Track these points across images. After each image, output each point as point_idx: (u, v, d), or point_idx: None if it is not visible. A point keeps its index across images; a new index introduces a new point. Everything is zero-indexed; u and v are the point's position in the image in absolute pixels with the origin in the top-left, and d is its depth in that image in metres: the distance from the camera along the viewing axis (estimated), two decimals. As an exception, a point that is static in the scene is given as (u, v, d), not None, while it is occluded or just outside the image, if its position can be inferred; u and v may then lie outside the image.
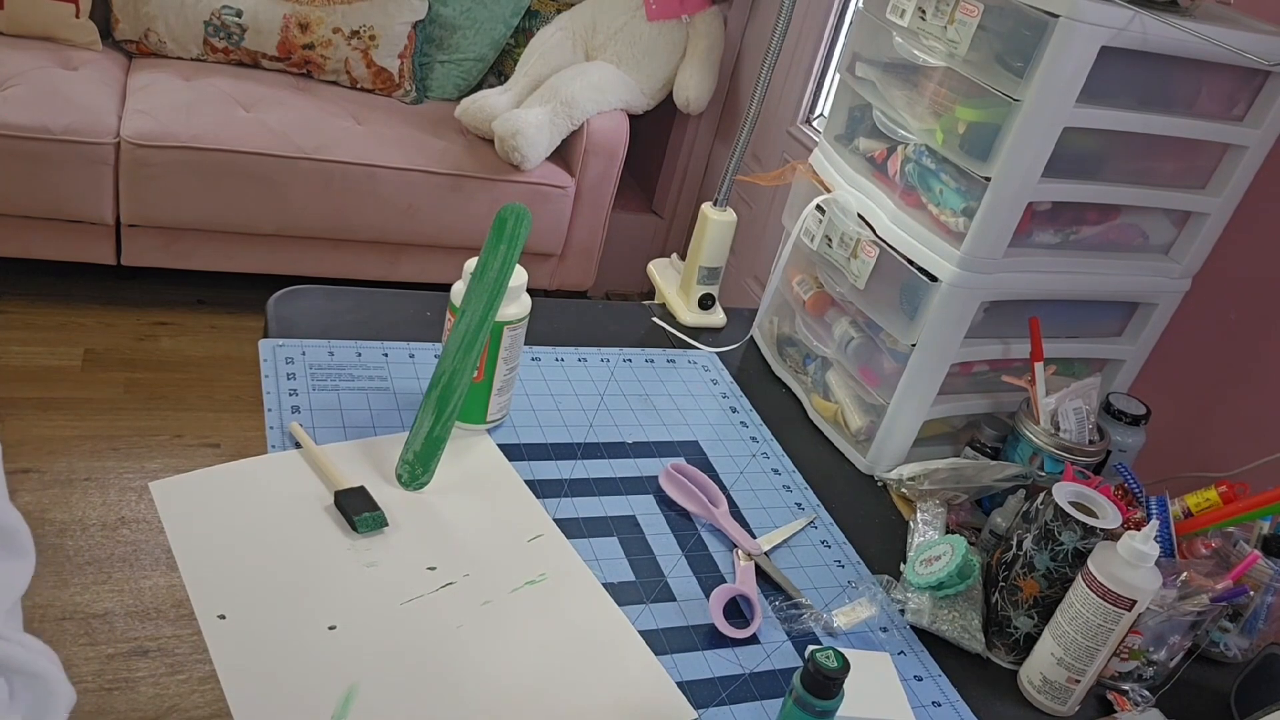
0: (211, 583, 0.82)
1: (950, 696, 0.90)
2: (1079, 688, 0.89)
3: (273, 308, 1.17)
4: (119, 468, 2.10)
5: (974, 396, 1.17)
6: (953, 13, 1.00)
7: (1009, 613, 0.95)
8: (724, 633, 0.89)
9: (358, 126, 2.54)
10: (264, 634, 0.79)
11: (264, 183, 2.37)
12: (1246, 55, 0.95)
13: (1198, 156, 1.08)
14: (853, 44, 1.20)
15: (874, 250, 1.10)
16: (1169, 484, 1.03)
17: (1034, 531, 0.92)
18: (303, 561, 0.86)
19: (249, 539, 0.87)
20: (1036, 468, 1.07)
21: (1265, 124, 1.04)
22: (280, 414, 1.01)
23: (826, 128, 1.26)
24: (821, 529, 1.07)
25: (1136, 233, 1.12)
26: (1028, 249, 1.06)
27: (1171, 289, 1.15)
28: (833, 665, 0.74)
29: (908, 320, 1.07)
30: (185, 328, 2.55)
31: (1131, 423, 1.12)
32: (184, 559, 0.84)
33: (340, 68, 2.69)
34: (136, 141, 2.25)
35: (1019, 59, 0.94)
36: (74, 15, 2.47)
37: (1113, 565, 0.84)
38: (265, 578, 0.83)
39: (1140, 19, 0.91)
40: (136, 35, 2.57)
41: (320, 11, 2.62)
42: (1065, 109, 0.94)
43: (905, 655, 0.93)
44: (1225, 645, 1.01)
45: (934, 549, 0.99)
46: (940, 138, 1.04)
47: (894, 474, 1.14)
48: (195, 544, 0.85)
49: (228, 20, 2.57)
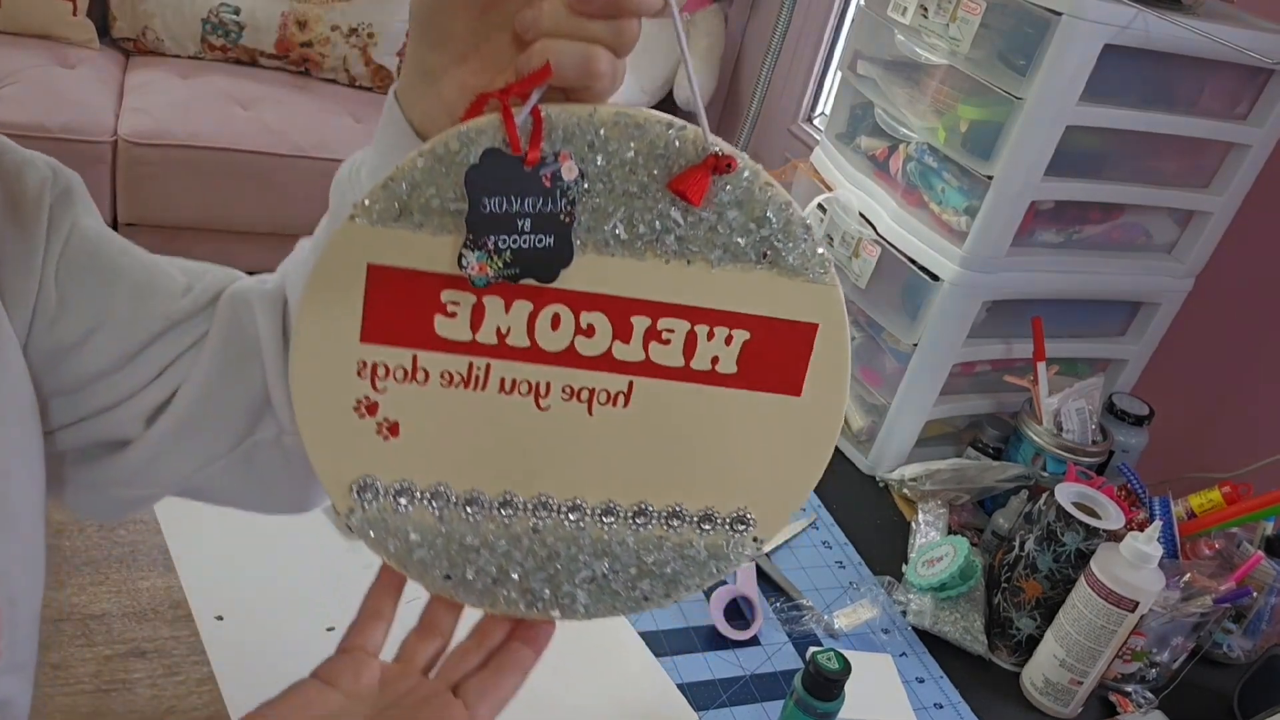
0: (209, 584, 0.82)
1: (952, 698, 0.89)
2: (1081, 689, 0.89)
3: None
4: (117, 467, 2.09)
5: (976, 397, 1.16)
6: (955, 10, 0.99)
7: (1011, 614, 0.94)
8: (724, 634, 0.89)
9: (356, 125, 2.54)
10: (262, 636, 0.78)
11: (262, 181, 2.36)
12: (1249, 54, 0.94)
13: (1201, 155, 1.08)
14: (854, 42, 1.19)
15: (875, 249, 1.09)
16: (1172, 485, 1.02)
17: (1036, 532, 0.92)
18: (301, 563, 0.85)
19: (247, 540, 0.86)
20: (1039, 468, 1.06)
21: (1268, 123, 1.04)
22: (278, 414, 1.00)
23: (828, 126, 1.26)
24: (823, 530, 1.06)
25: (1139, 232, 1.12)
26: (1030, 248, 1.06)
27: (1175, 288, 1.15)
28: (834, 667, 0.73)
29: (909, 320, 1.07)
30: (183, 327, 2.54)
31: (1134, 423, 1.12)
32: (181, 560, 0.84)
33: (339, 65, 2.68)
34: (134, 140, 2.24)
35: (1021, 57, 0.93)
36: (71, 13, 2.46)
37: (1115, 566, 0.84)
38: (263, 579, 0.83)
39: (1143, 17, 0.90)
40: (134, 33, 2.56)
41: (318, 9, 2.61)
42: (1068, 107, 0.93)
43: (907, 657, 0.93)
44: (1228, 647, 1.01)
45: (936, 550, 0.98)
46: (942, 136, 1.03)
47: (896, 474, 1.13)
48: (193, 545, 0.85)
49: (225, 18, 2.57)
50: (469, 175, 0.43)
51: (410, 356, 0.46)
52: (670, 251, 0.45)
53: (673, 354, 0.47)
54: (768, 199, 0.45)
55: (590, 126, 0.43)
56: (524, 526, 0.49)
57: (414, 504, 0.49)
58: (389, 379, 0.47)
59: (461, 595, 0.50)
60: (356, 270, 0.45)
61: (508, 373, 0.47)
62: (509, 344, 0.46)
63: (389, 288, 0.45)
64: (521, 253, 0.44)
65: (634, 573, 0.50)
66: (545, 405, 0.47)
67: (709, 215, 0.45)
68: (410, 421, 0.48)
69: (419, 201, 0.44)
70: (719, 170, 0.44)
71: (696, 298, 0.46)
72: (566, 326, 0.46)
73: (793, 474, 0.50)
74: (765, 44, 1.98)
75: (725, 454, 0.49)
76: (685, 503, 0.50)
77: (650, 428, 0.48)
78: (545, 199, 0.44)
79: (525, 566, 0.50)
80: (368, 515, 0.49)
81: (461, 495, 0.49)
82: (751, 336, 0.47)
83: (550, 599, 0.50)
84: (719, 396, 0.48)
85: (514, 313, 0.46)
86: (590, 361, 0.47)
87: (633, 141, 0.44)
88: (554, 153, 0.43)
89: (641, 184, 0.44)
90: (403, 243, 0.45)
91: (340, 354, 0.46)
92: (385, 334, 0.46)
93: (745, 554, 0.51)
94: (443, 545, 0.49)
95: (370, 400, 0.47)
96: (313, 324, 0.46)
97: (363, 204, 0.44)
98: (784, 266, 0.46)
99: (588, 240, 0.45)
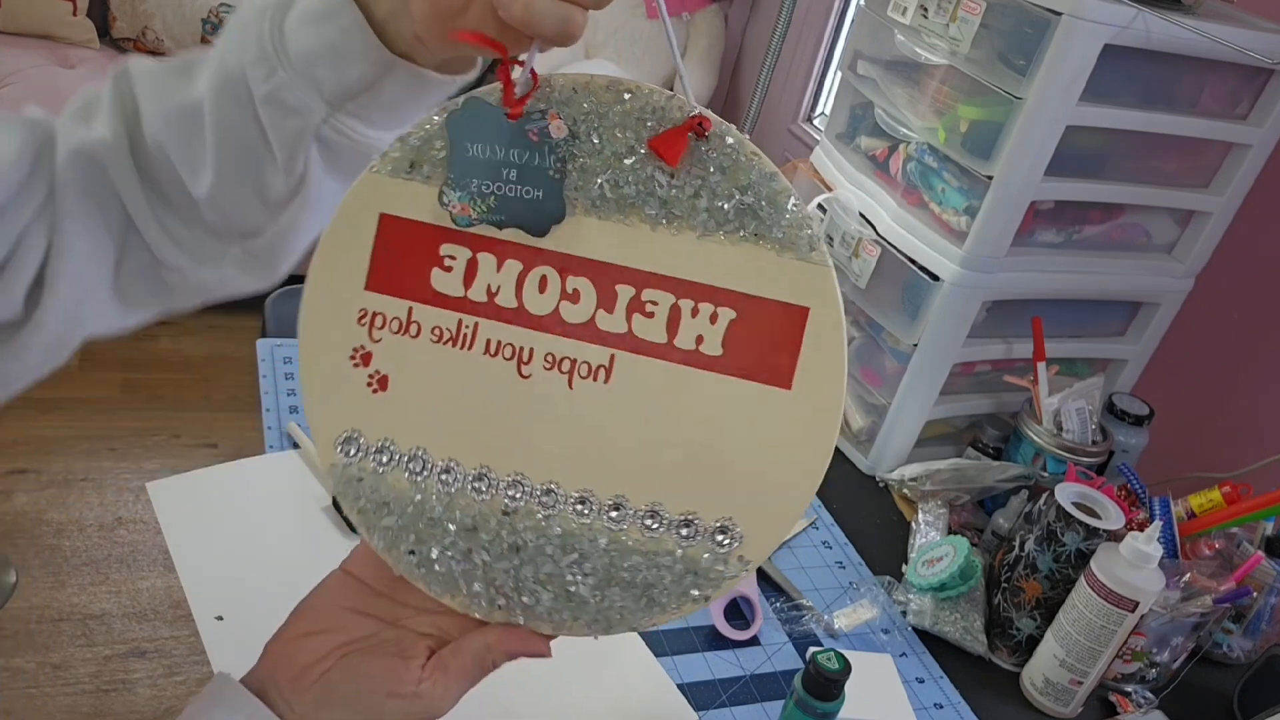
0: (209, 584, 0.81)
1: (952, 698, 0.89)
2: (1081, 689, 0.89)
3: (270, 307, 1.16)
4: (116, 468, 2.09)
5: (976, 397, 1.16)
6: (955, 10, 0.99)
7: (1011, 614, 0.94)
8: (725, 634, 0.89)
9: (356, 125, 2.54)
10: (261, 635, 0.78)
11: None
12: (1249, 54, 0.94)
13: (1201, 155, 1.08)
14: (854, 42, 1.19)
15: (875, 249, 1.09)
16: (1172, 485, 1.02)
17: (1036, 532, 0.92)
18: (300, 562, 0.85)
19: (246, 540, 0.86)
20: (1039, 468, 1.06)
21: (1268, 122, 1.04)
22: (278, 414, 1.00)
23: (828, 126, 1.26)
24: (823, 530, 1.06)
25: (1139, 232, 1.12)
26: (1030, 248, 1.06)
27: (1175, 288, 1.15)
28: (834, 667, 0.73)
29: (909, 320, 1.07)
30: (183, 327, 2.54)
31: (1134, 423, 1.12)
32: (181, 560, 0.84)
33: (339, 66, 2.68)
34: (134, 140, 2.25)
35: (1021, 57, 0.93)
36: (71, 13, 2.47)
37: (1115, 566, 0.84)
38: (263, 579, 0.83)
39: (1143, 17, 0.90)
40: (134, 33, 2.56)
41: (319, 10, 2.61)
42: (1068, 107, 0.93)
43: (907, 657, 0.92)
44: (1228, 647, 1.01)
45: (936, 550, 0.98)
46: (942, 136, 1.03)
47: (896, 474, 1.13)
48: (193, 545, 0.85)
49: (225, 17, 2.57)
50: (450, 118, 0.46)
51: (406, 309, 0.48)
52: (656, 216, 0.46)
53: (655, 328, 0.47)
54: (752, 166, 0.46)
55: (586, 91, 0.46)
56: (495, 506, 0.49)
57: (392, 465, 0.49)
58: (385, 329, 0.49)
59: (424, 577, 0.50)
60: (370, 218, 0.48)
61: (494, 334, 0.48)
62: (498, 303, 0.48)
63: (396, 238, 0.48)
64: (507, 200, 0.47)
65: (601, 575, 0.48)
66: (527, 373, 0.48)
67: (693, 180, 0.46)
68: (399, 377, 0.49)
69: (428, 154, 0.47)
70: (698, 132, 0.45)
71: (682, 269, 0.46)
72: (553, 289, 0.47)
73: (783, 483, 0.47)
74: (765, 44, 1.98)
75: (709, 452, 0.47)
76: (664, 502, 0.47)
77: (630, 411, 0.47)
78: (532, 153, 0.46)
79: (490, 552, 0.49)
80: (347, 471, 0.50)
81: (439, 463, 0.49)
82: (738, 316, 0.46)
83: (513, 596, 0.49)
84: (703, 383, 0.47)
85: (505, 271, 0.47)
86: (574, 330, 0.47)
87: (620, 105, 0.46)
88: (541, 110, 0.46)
89: (629, 145, 0.46)
90: (412, 194, 0.47)
91: (346, 300, 0.49)
92: (387, 283, 0.48)
93: (728, 575, 0.47)
94: (412, 515, 0.49)
95: (365, 350, 0.49)
96: (326, 270, 0.48)
97: (384, 155, 0.47)
98: (770, 239, 0.46)
99: (576, 199, 0.46)
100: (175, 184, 0.52)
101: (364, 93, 0.50)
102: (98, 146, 0.51)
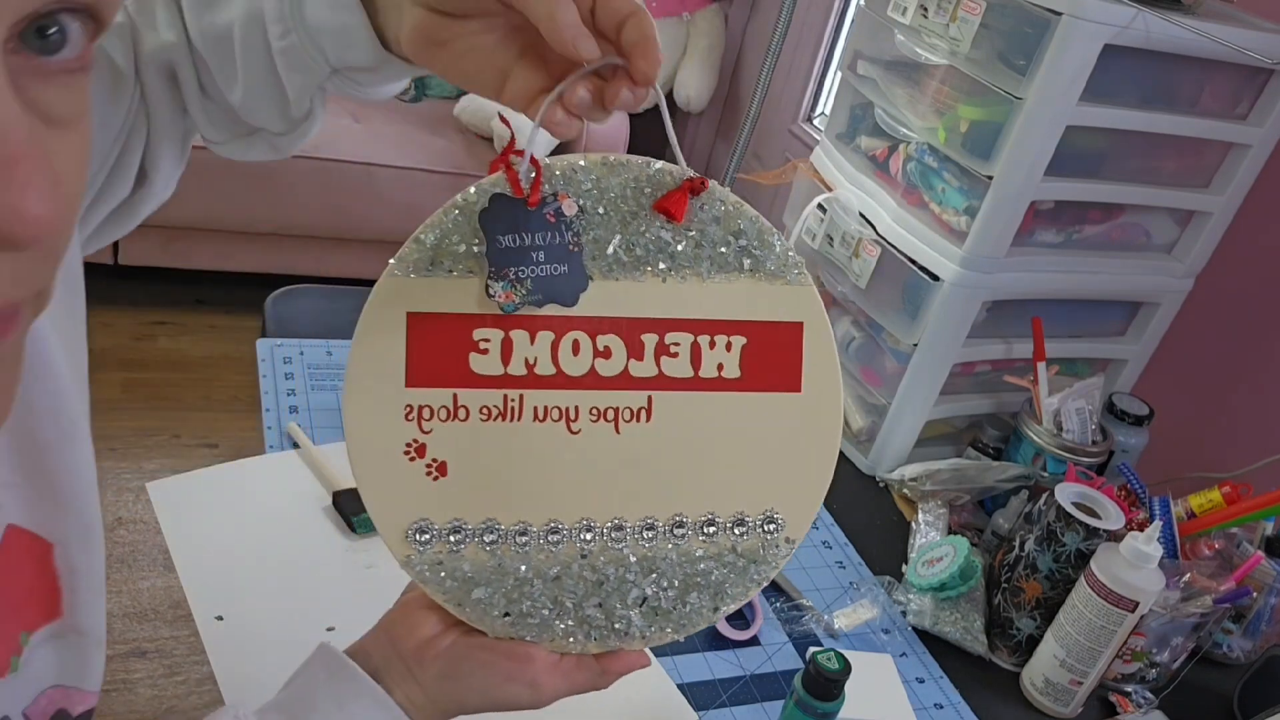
0: (209, 584, 0.81)
1: (952, 698, 0.89)
2: (1081, 689, 0.89)
3: (270, 307, 1.16)
4: (116, 468, 2.09)
5: (976, 397, 1.16)
6: (955, 10, 0.99)
7: (1011, 614, 0.94)
8: (725, 634, 0.89)
9: (356, 125, 2.54)
10: (261, 635, 0.78)
11: (262, 181, 2.36)
12: (1249, 54, 0.94)
13: (1201, 155, 1.08)
14: (854, 42, 1.19)
15: (876, 249, 1.09)
16: (1172, 485, 1.02)
17: (1036, 532, 0.92)
18: (301, 563, 0.85)
19: (247, 540, 0.86)
20: (1039, 468, 1.06)
21: (1268, 122, 1.04)
22: (278, 414, 1.00)
23: (828, 126, 1.26)
24: (823, 530, 1.06)
25: (1139, 232, 1.12)
26: (1030, 248, 1.06)
27: (1175, 288, 1.15)
28: (834, 667, 0.73)
29: (909, 320, 1.07)
30: (183, 327, 2.55)
31: (1134, 423, 1.12)
32: (181, 560, 0.84)
33: (339, 66, 2.68)
34: (134, 140, 2.25)
35: (1021, 57, 0.93)
36: (72, 13, 2.47)
37: (1115, 566, 0.84)
38: (263, 579, 0.83)
39: (1143, 17, 0.90)
40: (134, 33, 2.56)
41: (319, 10, 2.61)
42: (1068, 107, 0.93)
43: (907, 657, 0.93)
44: (1228, 647, 1.01)
45: (936, 550, 0.98)
46: (942, 136, 1.03)
47: (896, 474, 1.13)
48: (193, 545, 0.85)
49: None
50: (482, 216, 0.49)
51: (451, 396, 0.51)
52: (665, 270, 0.51)
53: (681, 365, 0.52)
54: (739, 214, 0.51)
55: (581, 169, 0.49)
56: (572, 553, 0.53)
57: (467, 542, 0.52)
58: (434, 419, 0.51)
59: (521, 633, 0.54)
60: (397, 319, 0.50)
61: (540, 400, 0.51)
62: (537, 373, 0.51)
63: (427, 332, 0.50)
64: (541, 280, 0.50)
65: (680, 586, 0.54)
66: (576, 429, 0.52)
67: (694, 233, 0.51)
68: (457, 459, 0.52)
69: (447, 249, 0.49)
70: (695, 191, 0.50)
71: (695, 311, 0.52)
72: (586, 351, 0.51)
73: (809, 468, 0.55)
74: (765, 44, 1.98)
75: (745, 456, 0.54)
76: (717, 510, 0.54)
77: (674, 439, 0.53)
78: (552, 233, 0.50)
79: (577, 593, 0.53)
80: (425, 558, 0.52)
81: (511, 528, 0.53)
82: (749, 341, 0.53)
83: (605, 625, 0.54)
84: (730, 402, 0.53)
85: (539, 343, 0.51)
86: (611, 382, 0.52)
87: (617, 178, 0.50)
88: (553, 193, 0.49)
89: (632, 211, 0.50)
90: (436, 289, 0.50)
91: (389, 401, 0.51)
92: (428, 377, 0.51)
93: (780, 555, 0.56)
94: (498, 581, 0.53)
95: (419, 442, 0.51)
96: (362, 376, 0.50)
97: (400, 258, 0.49)
98: (765, 272, 0.52)
99: (593, 268, 0.50)
100: (214, 85, 0.58)
101: (363, 72, 0.54)
102: (168, 48, 0.56)
